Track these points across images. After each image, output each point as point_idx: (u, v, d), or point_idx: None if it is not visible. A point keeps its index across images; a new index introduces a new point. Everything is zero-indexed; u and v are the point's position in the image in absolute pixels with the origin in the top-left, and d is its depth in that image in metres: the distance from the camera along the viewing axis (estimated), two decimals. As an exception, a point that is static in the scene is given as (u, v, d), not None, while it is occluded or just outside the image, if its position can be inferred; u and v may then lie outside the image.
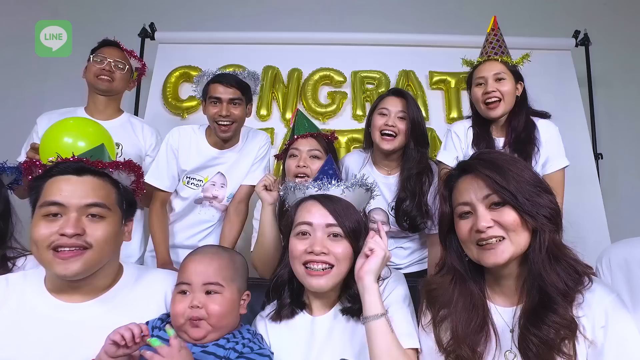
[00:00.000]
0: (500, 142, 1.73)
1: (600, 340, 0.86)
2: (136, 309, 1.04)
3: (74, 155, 1.05)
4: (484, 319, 0.93)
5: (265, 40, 2.96)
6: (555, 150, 1.70)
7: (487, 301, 0.98)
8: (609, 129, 3.15)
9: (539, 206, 0.90)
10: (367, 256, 1.02)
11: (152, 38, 2.94)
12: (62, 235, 0.94)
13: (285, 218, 1.26)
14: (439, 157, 1.77)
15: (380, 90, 2.79)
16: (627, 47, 3.21)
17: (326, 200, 1.11)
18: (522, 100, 1.76)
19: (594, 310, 0.87)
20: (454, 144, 1.77)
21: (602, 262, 1.08)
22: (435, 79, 2.87)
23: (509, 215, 0.90)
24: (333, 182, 1.14)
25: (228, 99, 1.74)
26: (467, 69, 2.61)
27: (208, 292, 1.01)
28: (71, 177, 1.00)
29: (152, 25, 2.94)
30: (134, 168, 1.12)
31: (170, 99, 2.77)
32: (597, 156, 2.84)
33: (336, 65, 2.89)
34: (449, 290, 0.99)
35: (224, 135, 1.78)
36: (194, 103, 2.75)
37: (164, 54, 2.91)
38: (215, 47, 2.91)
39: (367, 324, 0.96)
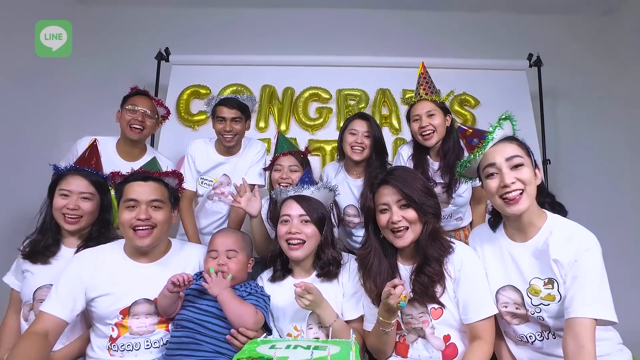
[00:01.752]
0: (435, 165, 2.12)
1: (457, 277, 1.40)
2: (180, 268, 1.55)
3: (141, 169, 1.57)
4: (392, 273, 1.46)
5: (263, 62, 3.36)
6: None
7: (398, 262, 1.51)
8: (557, 138, 3.63)
9: (428, 206, 1.43)
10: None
11: (167, 60, 3.34)
12: (138, 219, 1.46)
13: (275, 211, 1.78)
14: None
15: (360, 106, 3.23)
16: (573, 68, 3.68)
17: (300, 199, 1.63)
18: (450, 129, 2.11)
19: (454, 262, 1.41)
20: (401, 163, 2.20)
21: (469, 237, 1.61)
22: (407, 95, 3.14)
23: (411, 213, 1.42)
24: (305, 186, 1.66)
25: (231, 118, 2.21)
26: (436, 86, 3.13)
27: (229, 256, 1.53)
28: (140, 183, 1.53)
29: (167, 49, 3.35)
30: (177, 175, 1.64)
31: (183, 113, 3.19)
32: (546, 161, 3.27)
33: (323, 84, 3.30)
34: (368, 258, 1.51)
35: (228, 145, 2.24)
36: (203, 117, 3.19)
37: (177, 74, 3.30)
38: (221, 68, 3.31)
39: (330, 327, 1.46)
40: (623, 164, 3.56)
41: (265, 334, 1.45)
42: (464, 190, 2.11)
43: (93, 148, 1.86)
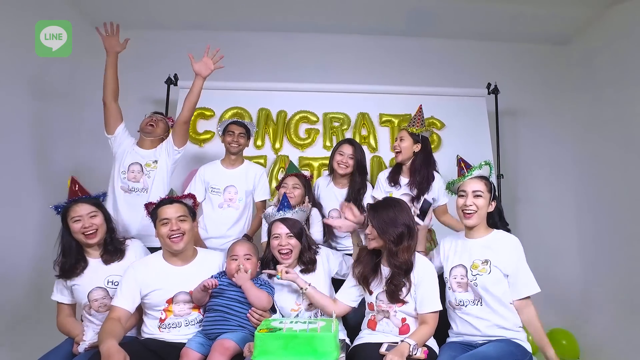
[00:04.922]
0: (405, 181, 2.66)
1: (419, 283, 1.95)
2: (207, 269, 2.09)
3: (167, 196, 2.12)
4: (377, 269, 2.02)
5: (259, 88, 3.85)
6: (439, 194, 2.66)
7: (381, 264, 2.05)
8: (515, 155, 4.23)
9: (389, 234, 1.93)
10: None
11: (176, 85, 3.79)
12: (171, 230, 1.98)
13: (268, 231, 2.28)
14: (373, 193, 2.76)
15: (343, 128, 3.75)
16: (527, 92, 4.29)
17: (284, 220, 2.19)
18: (419, 155, 2.63)
19: (418, 272, 1.97)
20: (380, 186, 2.75)
21: (441, 242, 2.21)
22: (384, 119, 3.80)
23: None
24: (287, 210, 2.20)
25: (238, 133, 2.85)
26: (407, 111, 3.62)
27: (245, 259, 2.07)
28: (169, 205, 2.06)
29: (175, 75, 3.81)
30: (192, 197, 2.19)
31: (190, 132, 3.56)
32: (500, 176, 3.79)
33: (311, 108, 3.78)
34: (360, 266, 2.07)
35: (233, 151, 2.86)
36: (208, 136, 3.69)
37: (184, 97, 3.68)
38: (223, 92, 3.76)
39: (304, 293, 2.07)
40: (568, 177, 4.19)
41: (272, 315, 2.00)
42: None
43: (73, 182, 2.18)
